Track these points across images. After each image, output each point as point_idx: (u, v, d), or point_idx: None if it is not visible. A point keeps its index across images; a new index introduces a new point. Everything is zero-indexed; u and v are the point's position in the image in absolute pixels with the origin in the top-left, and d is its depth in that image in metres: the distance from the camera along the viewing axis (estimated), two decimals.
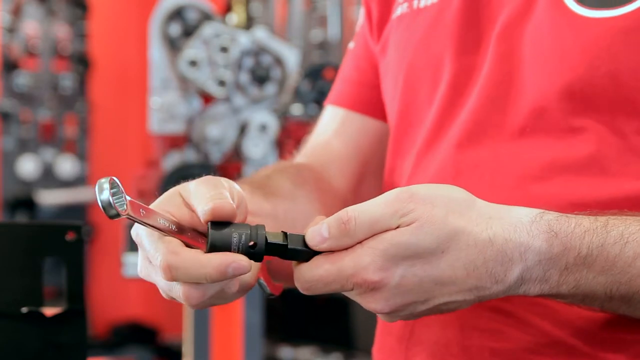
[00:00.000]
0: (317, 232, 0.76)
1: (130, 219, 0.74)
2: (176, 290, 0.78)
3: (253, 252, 0.76)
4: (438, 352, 0.91)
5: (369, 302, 0.76)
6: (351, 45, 1.16)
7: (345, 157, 1.10)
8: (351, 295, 0.77)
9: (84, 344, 0.95)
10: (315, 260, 0.76)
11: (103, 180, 0.72)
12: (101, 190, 0.72)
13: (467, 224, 0.75)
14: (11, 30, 4.63)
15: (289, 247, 0.77)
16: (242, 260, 0.75)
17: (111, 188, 0.72)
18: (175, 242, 0.77)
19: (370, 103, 1.10)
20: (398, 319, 0.79)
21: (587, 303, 0.80)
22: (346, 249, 0.76)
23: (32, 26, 4.69)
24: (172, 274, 0.76)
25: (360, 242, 0.75)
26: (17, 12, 4.66)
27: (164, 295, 0.82)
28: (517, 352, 0.87)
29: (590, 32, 0.86)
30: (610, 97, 0.86)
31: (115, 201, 0.72)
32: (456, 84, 0.95)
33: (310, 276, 0.76)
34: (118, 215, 0.72)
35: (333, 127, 1.12)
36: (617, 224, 0.78)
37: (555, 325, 0.86)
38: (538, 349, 0.87)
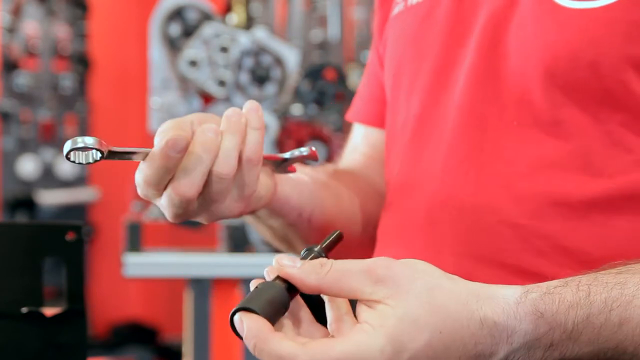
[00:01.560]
0: (289, 259, 0.75)
1: (111, 155, 0.82)
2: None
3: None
4: None
5: None
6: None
7: (372, 163, 1.13)
8: None
9: (84, 344, 0.95)
10: (322, 341, 0.72)
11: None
12: (75, 142, 0.79)
13: (457, 301, 0.73)
14: (11, 30, 4.63)
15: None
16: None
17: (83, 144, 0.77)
18: None
19: (380, 117, 1.12)
20: None
21: None
22: (308, 292, 0.73)
23: (32, 26, 4.69)
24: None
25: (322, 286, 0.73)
26: (17, 12, 4.66)
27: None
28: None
29: (573, 23, 0.86)
30: (594, 89, 0.86)
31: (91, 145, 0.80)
32: (438, 77, 0.96)
33: (325, 358, 0.70)
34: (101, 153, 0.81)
35: (356, 138, 1.17)
36: (599, 291, 0.76)
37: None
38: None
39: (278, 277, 0.74)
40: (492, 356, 0.74)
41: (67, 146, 0.83)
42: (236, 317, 0.72)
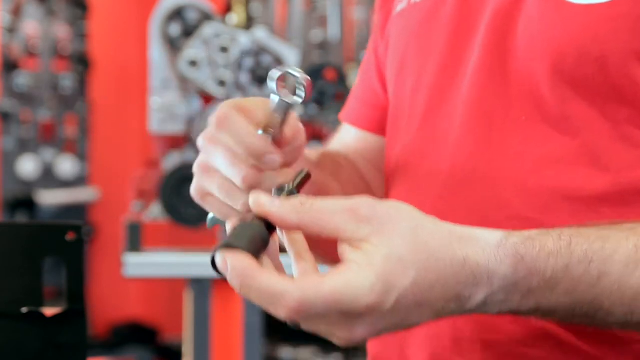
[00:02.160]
0: (266, 197, 0.73)
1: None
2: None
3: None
4: (430, 343, 0.91)
5: (353, 329, 0.71)
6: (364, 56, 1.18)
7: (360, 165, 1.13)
8: (329, 322, 0.71)
9: (84, 344, 0.95)
10: (312, 278, 0.70)
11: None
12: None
13: (440, 241, 0.73)
14: (11, 30, 4.63)
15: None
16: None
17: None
18: None
19: (374, 122, 1.12)
20: (362, 342, 0.75)
21: (547, 318, 0.79)
22: (287, 227, 0.72)
23: (32, 26, 4.69)
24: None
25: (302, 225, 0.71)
26: (17, 12, 4.66)
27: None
28: (508, 344, 0.87)
29: (580, 19, 0.87)
30: (601, 84, 0.86)
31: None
32: (445, 74, 0.96)
33: (314, 295, 0.68)
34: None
35: (347, 138, 1.16)
36: (581, 242, 0.76)
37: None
38: (530, 341, 0.87)
39: (256, 217, 0.72)
40: (472, 298, 0.74)
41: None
42: (218, 257, 0.69)
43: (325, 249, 0.80)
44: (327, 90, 3.03)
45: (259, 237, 0.71)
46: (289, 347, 3.77)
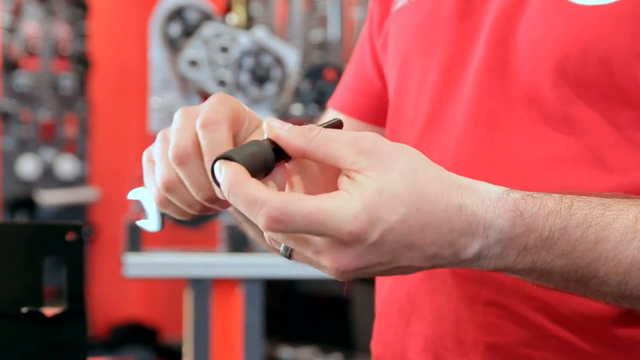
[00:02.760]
0: (279, 122, 0.73)
1: None
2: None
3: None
4: (433, 345, 0.91)
5: (337, 256, 0.70)
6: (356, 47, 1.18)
7: None
8: (315, 247, 0.71)
9: (84, 344, 0.95)
10: (298, 194, 0.70)
11: None
12: None
13: (438, 185, 0.72)
14: (11, 30, 4.63)
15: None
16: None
17: None
18: None
19: (366, 110, 1.12)
20: (351, 277, 0.74)
21: (542, 281, 0.78)
22: (294, 156, 0.72)
23: (32, 26, 4.69)
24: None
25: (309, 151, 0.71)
26: (17, 12, 4.66)
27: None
28: (511, 346, 0.87)
29: (583, 19, 0.86)
30: (604, 85, 0.86)
31: None
32: (449, 74, 0.95)
33: (296, 208, 0.68)
34: None
35: None
36: (581, 206, 0.76)
37: (550, 320, 0.86)
38: (532, 342, 0.87)
39: (267, 140, 0.73)
40: (467, 248, 0.73)
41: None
42: (216, 166, 0.71)
43: None
44: (327, 90, 3.03)
45: (260, 155, 0.72)
46: (289, 347, 3.77)
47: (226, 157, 0.70)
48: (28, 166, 4.63)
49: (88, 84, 4.86)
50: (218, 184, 0.71)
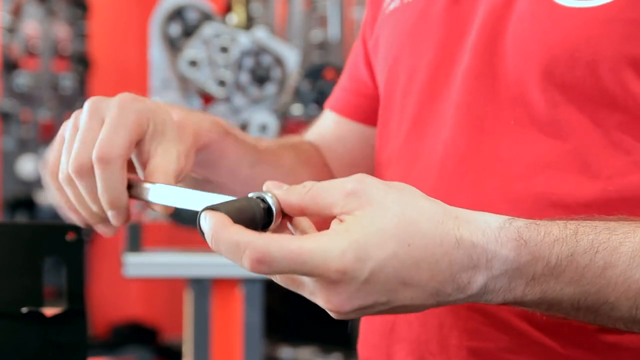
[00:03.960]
0: (276, 185, 0.74)
1: None
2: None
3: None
4: (417, 349, 0.91)
5: (329, 297, 0.69)
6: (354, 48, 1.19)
7: (337, 153, 1.15)
8: (308, 288, 0.70)
9: (84, 344, 0.95)
10: (284, 235, 0.69)
11: None
12: None
13: (431, 219, 0.70)
14: (11, 30, 4.63)
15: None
16: None
17: None
18: None
19: (359, 110, 1.13)
20: (351, 317, 0.72)
21: (552, 312, 0.77)
22: (288, 215, 0.72)
23: (32, 26, 4.69)
24: None
25: (304, 211, 0.71)
26: (17, 12, 4.66)
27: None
28: (495, 352, 0.86)
29: (571, 22, 0.85)
30: (592, 89, 0.84)
31: None
32: (435, 76, 0.95)
33: (279, 248, 0.67)
34: None
35: (328, 127, 1.18)
36: (587, 231, 0.74)
37: (534, 326, 0.85)
38: (516, 349, 0.85)
39: (259, 198, 0.73)
40: (471, 282, 0.71)
41: None
42: (201, 216, 0.70)
43: None
44: (327, 90, 3.03)
45: (249, 209, 0.71)
46: (289, 347, 3.77)
47: (212, 208, 0.70)
48: (28, 166, 4.63)
49: (88, 84, 4.86)
50: (203, 235, 0.70)
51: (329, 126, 1.17)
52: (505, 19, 0.90)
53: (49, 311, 0.95)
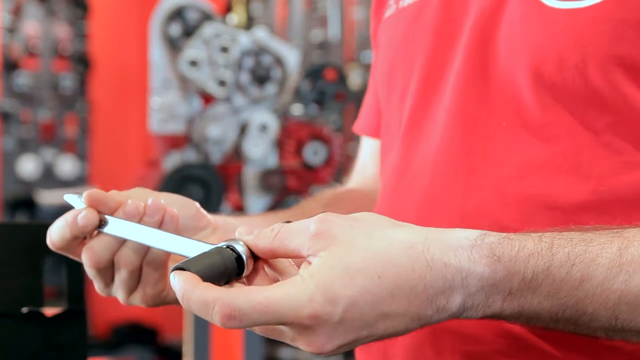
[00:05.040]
0: (246, 230, 0.74)
1: None
2: None
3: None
4: (412, 353, 0.91)
5: (309, 340, 0.69)
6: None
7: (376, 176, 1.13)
8: (287, 336, 0.70)
9: (84, 344, 0.95)
10: (252, 287, 0.69)
11: None
12: None
13: (400, 245, 0.70)
14: (11, 30, 4.63)
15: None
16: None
17: None
18: None
19: (376, 126, 1.13)
20: (336, 353, 0.72)
21: (532, 323, 0.76)
22: (257, 257, 0.73)
23: (32, 26, 4.69)
24: None
25: (272, 254, 0.72)
26: (17, 12, 4.66)
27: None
28: (489, 355, 0.86)
29: (560, 23, 0.85)
30: (581, 90, 0.84)
31: None
32: (429, 79, 0.95)
33: (246, 300, 0.67)
34: None
35: (365, 152, 1.19)
36: (563, 244, 0.73)
37: (530, 330, 0.85)
38: (511, 352, 0.85)
39: (228, 247, 0.73)
40: (449, 301, 0.71)
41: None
42: (171, 276, 0.71)
43: None
44: (327, 90, 3.03)
45: (219, 262, 0.72)
46: (289, 347, 3.77)
47: (180, 268, 0.70)
48: (28, 166, 4.63)
49: (88, 84, 4.86)
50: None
51: (366, 155, 1.18)
52: (496, 21, 0.90)
53: (49, 311, 0.95)
